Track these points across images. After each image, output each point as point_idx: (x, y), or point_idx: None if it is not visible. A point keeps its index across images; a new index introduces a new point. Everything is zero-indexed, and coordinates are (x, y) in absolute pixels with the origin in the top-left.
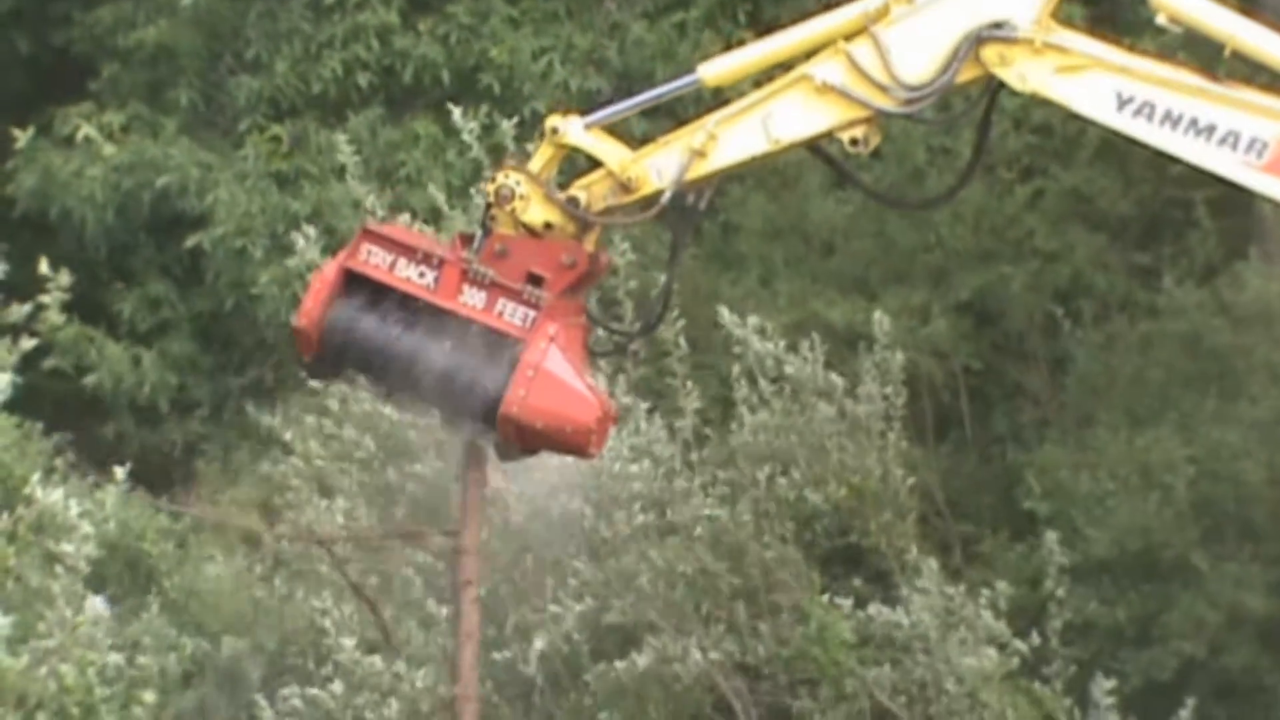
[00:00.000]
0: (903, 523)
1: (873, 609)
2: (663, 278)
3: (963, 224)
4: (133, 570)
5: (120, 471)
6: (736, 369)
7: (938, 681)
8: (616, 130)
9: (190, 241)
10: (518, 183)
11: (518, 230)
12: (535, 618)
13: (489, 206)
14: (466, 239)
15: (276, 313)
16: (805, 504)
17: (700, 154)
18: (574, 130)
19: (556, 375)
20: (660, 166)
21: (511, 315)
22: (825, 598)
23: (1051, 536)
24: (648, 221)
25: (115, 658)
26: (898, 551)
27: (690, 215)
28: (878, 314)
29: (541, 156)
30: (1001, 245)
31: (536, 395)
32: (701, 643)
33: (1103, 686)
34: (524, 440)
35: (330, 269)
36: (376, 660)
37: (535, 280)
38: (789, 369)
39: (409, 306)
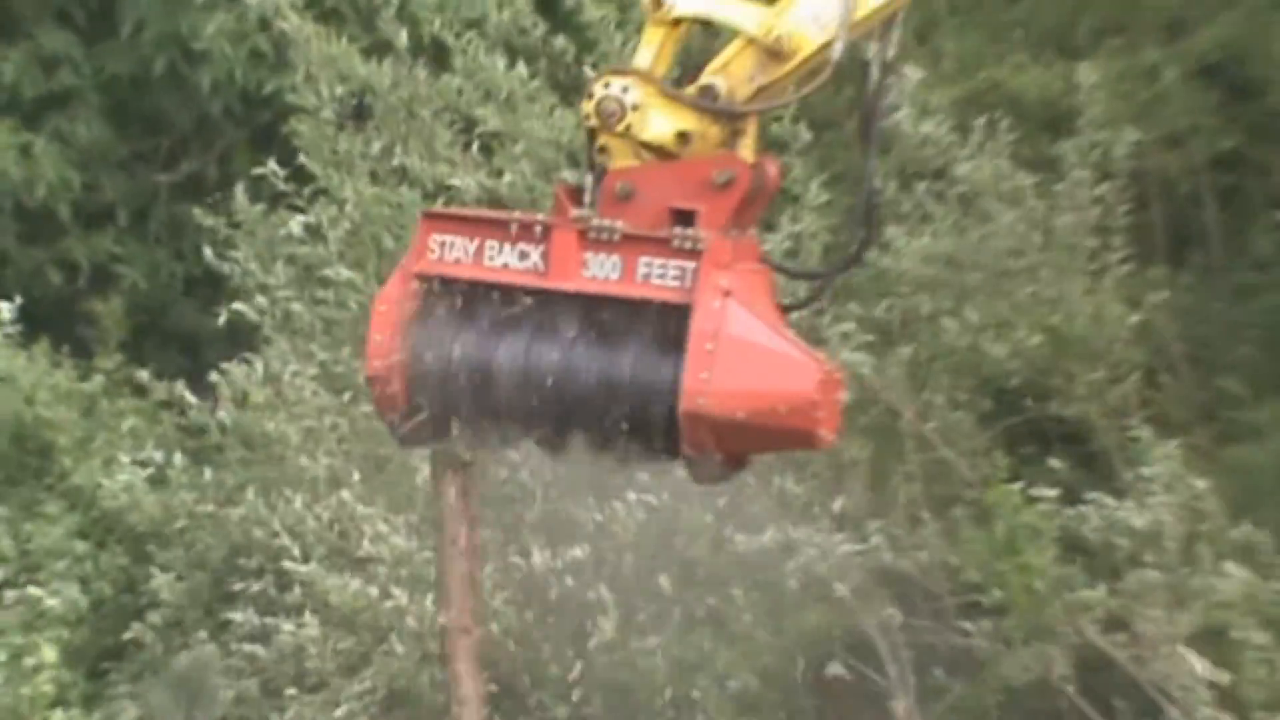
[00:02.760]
0: (1123, 383)
1: (1088, 507)
2: None
3: None
4: (21, 448)
5: (6, 308)
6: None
7: (1174, 610)
8: None
9: None
10: (625, 89)
11: (640, 157)
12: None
13: (593, 135)
14: (573, 192)
15: (228, 78)
16: (982, 356)
17: None
18: None
19: (746, 339)
20: (817, 11)
21: (662, 276)
22: (1017, 487)
23: None
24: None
25: None
26: (1116, 423)
27: (880, 75)
28: (1085, 70)
29: (649, 45)
30: None
31: (725, 374)
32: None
33: None
34: (725, 443)
35: (394, 284)
36: (358, 584)
37: (683, 218)
38: (961, 168)
39: (516, 304)
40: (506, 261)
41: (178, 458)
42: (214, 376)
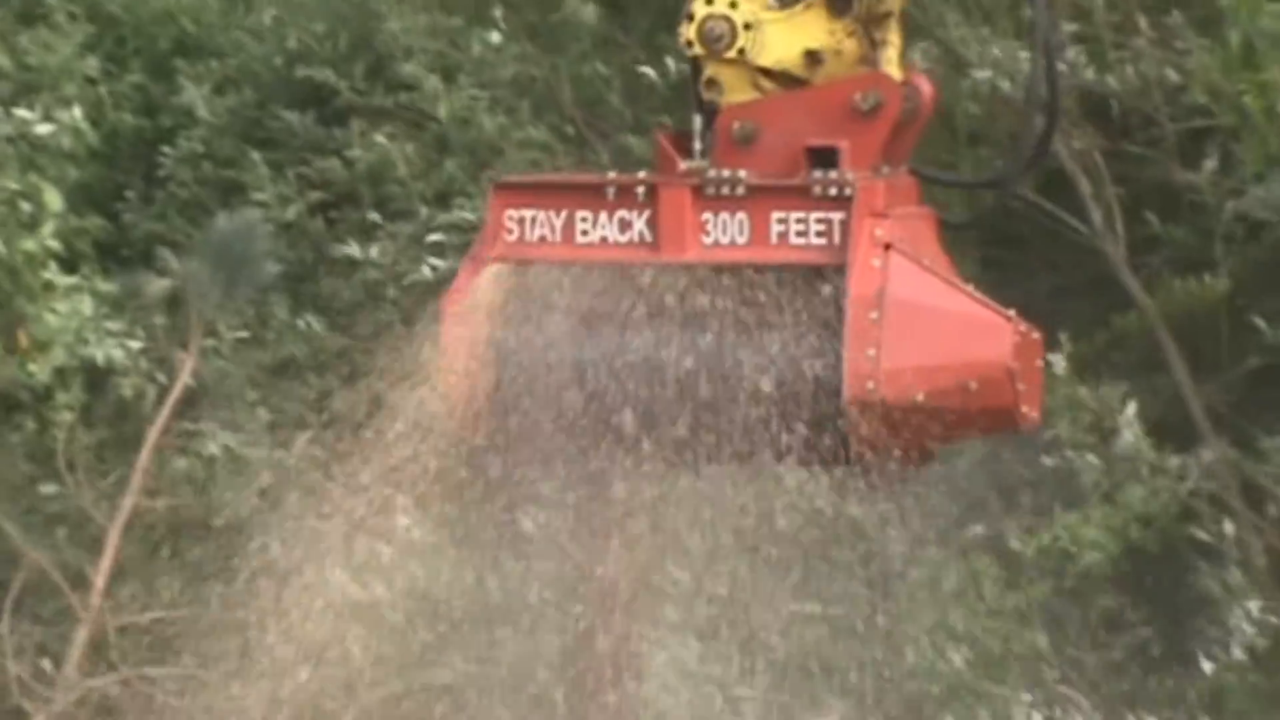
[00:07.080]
0: None
1: None
2: None
3: None
4: None
5: None
6: None
7: None
8: None
9: None
10: (732, 4)
11: (760, 88)
12: None
13: (697, 67)
14: (678, 140)
15: None
16: None
17: None
18: None
19: (917, 301)
20: None
21: (803, 234)
22: None
23: None
24: None
25: None
26: None
27: None
28: None
29: None
30: None
31: (896, 348)
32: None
33: None
34: (903, 435)
35: (465, 276)
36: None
37: (823, 159)
38: None
39: (622, 288)
40: (604, 235)
41: None
42: None
